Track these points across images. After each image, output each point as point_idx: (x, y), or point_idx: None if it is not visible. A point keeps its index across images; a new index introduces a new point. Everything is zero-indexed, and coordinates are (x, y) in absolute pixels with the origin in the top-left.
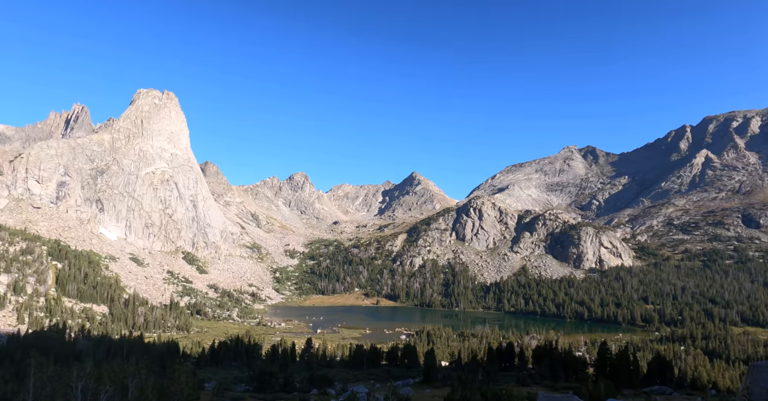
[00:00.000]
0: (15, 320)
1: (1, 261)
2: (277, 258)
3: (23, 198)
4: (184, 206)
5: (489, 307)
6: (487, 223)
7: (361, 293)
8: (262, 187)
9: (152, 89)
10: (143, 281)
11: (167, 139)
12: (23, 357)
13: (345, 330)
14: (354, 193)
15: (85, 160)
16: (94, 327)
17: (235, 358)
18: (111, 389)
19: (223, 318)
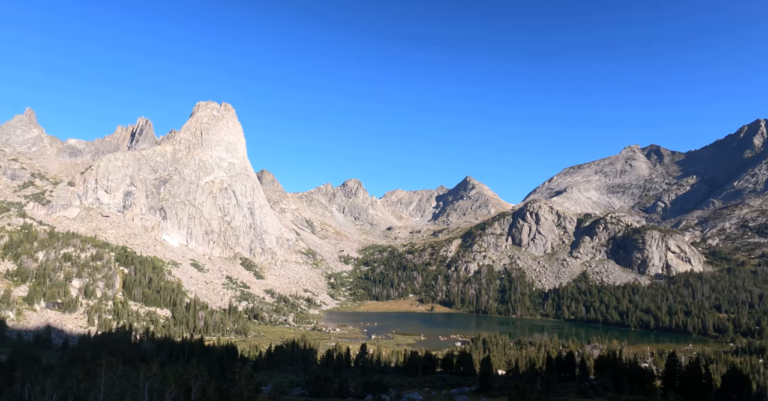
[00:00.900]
0: (86, 322)
1: (74, 267)
2: (331, 264)
3: (93, 207)
4: (242, 213)
5: (547, 314)
6: (545, 227)
7: (416, 299)
8: (317, 194)
9: (210, 102)
10: (203, 286)
11: (225, 149)
12: (93, 357)
13: (399, 337)
14: (407, 198)
15: (149, 170)
16: (158, 329)
17: (291, 362)
18: (175, 390)
19: (280, 322)
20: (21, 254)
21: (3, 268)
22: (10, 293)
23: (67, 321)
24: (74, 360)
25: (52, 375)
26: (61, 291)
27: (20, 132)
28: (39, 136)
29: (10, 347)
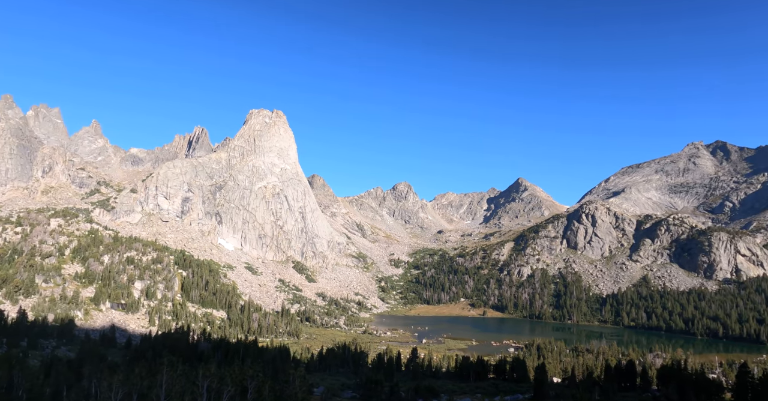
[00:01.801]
0: (147, 322)
1: (136, 269)
2: (382, 267)
3: (154, 213)
4: (294, 217)
5: (605, 321)
6: (602, 230)
7: (467, 303)
8: (367, 198)
9: (263, 109)
10: (257, 288)
11: (277, 155)
12: (154, 355)
13: (451, 341)
14: (458, 201)
15: (205, 177)
16: (214, 330)
17: (342, 365)
18: (233, 389)
19: (331, 325)
20: (88, 258)
21: (72, 270)
22: (78, 294)
23: (129, 320)
24: (137, 359)
25: (117, 373)
26: (124, 293)
27: (87, 143)
28: (104, 146)
29: (78, 345)
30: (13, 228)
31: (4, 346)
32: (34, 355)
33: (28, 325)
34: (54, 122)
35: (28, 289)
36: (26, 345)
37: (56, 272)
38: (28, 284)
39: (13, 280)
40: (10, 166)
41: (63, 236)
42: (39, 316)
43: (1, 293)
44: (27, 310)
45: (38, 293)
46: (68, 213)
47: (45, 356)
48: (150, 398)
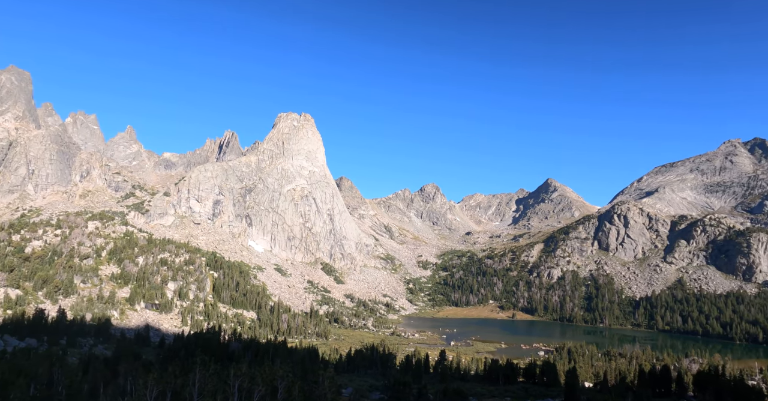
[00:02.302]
0: (180, 322)
1: (170, 270)
2: (410, 269)
3: (186, 215)
4: (322, 219)
5: (639, 324)
6: (634, 231)
7: (496, 305)
8: (394, 199)
9: (291, 113)
10: (286, 289)
11: (305, 157)
12: (187, 354)
13: (479, 344)
14: (486, 202)
15: (236, 180)
16: (244, 330)
17: (370, 366)
18: (263, 389)
19: (359, 326)
20: (124, 259)
21: (109, 271)
22: (114, 294)
23: (163, 320)
24: (170, 358)
25: (152, 371)
26: (158, 293)
27: (122, 148)
28: (138, 151)
29: (114, 343)
30: (53, 231)
31: (45, 344)
32: (73, 353)
33: (67, 324)
34: (91, 128)
35: (67, 289)
36: (65, 343)
37: (93, 273)
38: (67, 284)
39: (53, 280)
40: (50, 171)
41: (100, 238)
42: (77, 315)
43: (42, 293)
44: (66, 309)
45: (77, 294)
46: (105, 216)
47: (83, 354)
48: (183, 396)
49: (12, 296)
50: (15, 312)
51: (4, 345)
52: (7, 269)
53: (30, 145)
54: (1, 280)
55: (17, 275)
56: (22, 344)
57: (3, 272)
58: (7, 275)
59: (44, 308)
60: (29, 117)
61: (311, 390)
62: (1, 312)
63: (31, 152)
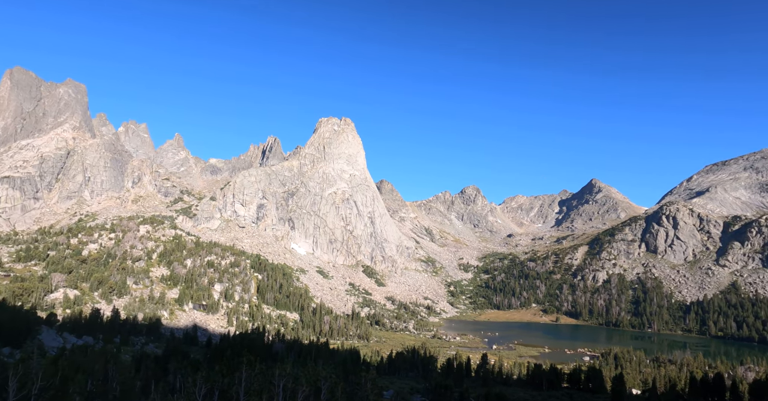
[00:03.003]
0: (225, 322)
1: (216, 272)
2: (451, 272)
3: (231, 219)
4: (363, 222)
5: (689, 330)
6: (684, 232)
7: (539, 309)
8: (435, 202)
9: (332, 117)
10: (328, 292)
11: (346, 161)
12: (232, 354)
13: (522, 348)
14: (528, 204)
15: (279, 184)
16: (287, 331)
17: (411, 369)
18: (307, 389)
19: (400, 329)
20: (173, 262)
21: (159, 273)
22: (164, 295)
23: (210, 321)
24: (216, 357)
25: (201, 369)
26: (205, 294)
27: (171, 155)
28: (186, 157)
29: (164, 342)
30: (107, 234)
31: (101, 342)
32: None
33: (120, 323)
34: (142, 136)
35: (121, 290)
36: (119, 342)
37: (145, 274)
38: (120, 285)
39: (108, 282)
40: (104, 178)
41: (151, 241)
42: (130, 315)
43: (98, 294)
44: (120, 309)
45: (129, 294)
46: (155, 220)
47: (135, 352)
48: (230, 395)
49: (71, 296)
50: (73, 311)
51: (64, 343)
52: (66, 270)
53: (86, 153)
54: (61, 281)
55: (75, 277)
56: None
57: (62, 273)
58: (66, 276)
59: (100, 307)
60: (85, 127)
61: (353, 391)
62: (61, 311)
63: (88, 160)
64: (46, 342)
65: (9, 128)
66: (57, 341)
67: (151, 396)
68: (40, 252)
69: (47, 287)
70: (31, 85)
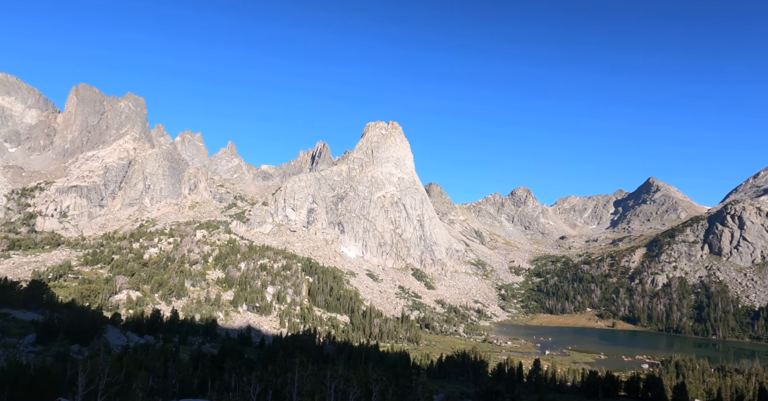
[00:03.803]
0: (278, 324)
1: (268, 275)
2: (501, 275)
3: (282, 223)
4: (412, 225)
5: (758, 337)
6: (752, 233)
7: (594, 313)
8: (484, 204)
9: (379, 122)
10: (378, 295)
11: (394, 165)
12: (285, 355)
13: (576, 354)
14: (581, 205)
15: (328, 189)
16: (338, 334)
17: (461, 373)
18: (358, 391)
19: (450, 332)
20: (228, 265)
21: (215, 276)
22: (220, 297)
23: (263, 322)
24: (269, 357)
25: (256, 369)
26: (258, 297)
27: (224, 162)
28: (239, 164)
29: (220, 342)
30: (166, 239)
31: (161, 341)
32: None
33: (179, 323)
34: (197, 145)
35: (179, 292)
36: (178, 341)
37: (201, 277)
38: (179, 287)
39: (167, 284)
40: (163, 185)
41: (207, 245)
42: (188, 316)
43: (158, 295)
44: (178, 310)
45: (187, 296)
46: (210, 225)
47: (193, 351)
48: (283, 395)
49: (133, 297)
50: (136, 311)
51: (127, 341)
52: (129, 273)
53: (146, 163)
54: (124, 283)
55: (137, 279)
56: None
57: (126, 276)
58: (129, 278)
59: (160, 308)
60: (145, 138)
61: (404, 394)
62: (125, 312)
63: (147, 169)
64: (111, 340)
65: (76, 141)
66: (121, 339)
67: (208, 393)
68: (105, 256)
69: (112, 289)
70: (95, 100)
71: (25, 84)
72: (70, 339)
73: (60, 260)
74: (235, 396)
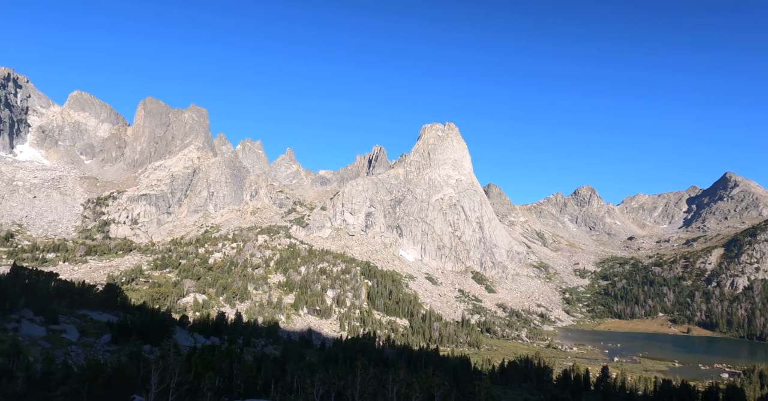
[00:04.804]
0: (338, 327)
1: (328, 279)
2: (565, 278)
3: (341, 228)
4: (471, 228)
5: None
6: None
7: (667, 318)
8: (546, 204)
9: (435, 123)
10: (437, 298)
11: (452, 166)
12: (345, 357)
13: (647, 361)
14: (651, 203)
15: (385, 192)
16: (397, 337)
17: (524, 379)
18: (420, 395)
19: (512, 337)
20: (288, 269)
21: (276, 280)
22: (281, 300)
23: (323, 325)
24: (330, 360)
25: (319, 371)
26: (318, 300)
27: (283, 168)
28: (297, 170)
29: (281, 344)
30: (230, 244)
31: (226, 342)
32: (248, 351)
33: (243, 325)
34: (257, 152)
35: (243, 295)
36: (242, 343)
37: (263, 281)
38: (242, 291)
39: (231, 287)
40: (226, 192)
41: (268, 250)
42: (251, 318)
43: (223, 298)
44: (242, 313)
45: (250, 299)
46: (271, 230)
47: (256, 352)
48: (345, 397)
49: (199, 300)
50: (202, 314)
51: (194, 342)
52: (195, 277)
53: (209, 171)
54: (191, 286)
55: (203, 283)
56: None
57: (192, 279)
58: (196, 282)
59: (224, 311)
60: (208, 147)
61: (466, 399)
62: (192, 314)
63: (211, 177)
64: (179, 341)
65: (145, 152)
66: (189, 340)
67: (272, 394)
68: (173, 261)
69: (180, 292)
70: (161, 112)
71: (98, 100)
72: (142, 340)
73: (132, 264)
74: (298, 398)
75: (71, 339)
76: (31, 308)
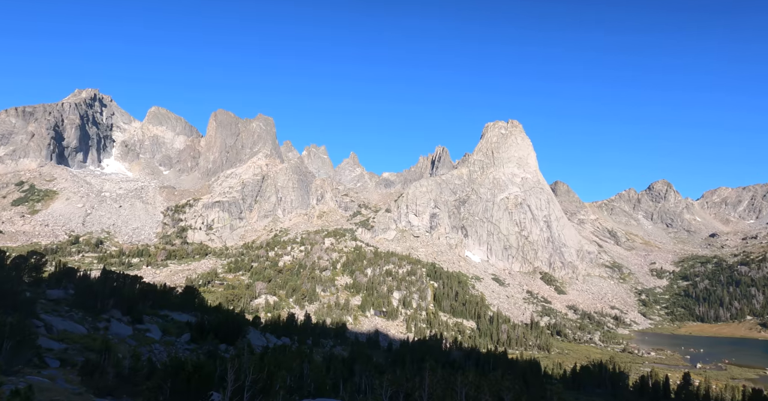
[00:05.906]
0: (404, 328)
1: (394, 281)
2: (641, 278)
3: (406, 229)
4: (538, 227)
5: None
6: None
7: (756, 322)
8: (618, 201)
9: (498, 121)
10: (504, 300)
11: (516, 164)
12: (412, 359)
13: (735, 368)
14: (735, 197)
15: (449, 193)
16: (464, 339)
17: (598, 384)
18: (490, 399)
19: (584, 340)
20: (355, 271)
21: (343, 282)
22: (348, 302)
23: (389, 326)
24: (396, 361)
25: (387, 372)
26: (384, 301)
27: (347, 172)
28: (361, 173)
29: (349, 345)
30: (298, 247)
31: (296, 342)
32: (317, 352)
33: (312, 326)
34: (322, 157)
35: (311, 297)
36: (311, 343)
37: (331, 283)
38: (311, 292)
39: (300, 289)
40: (293, 197)
41: (335, 252)
42: (320, 319)
43: (292, 300)
44: (311, 314)
45: (318, 301)
46: (338, 233)
47: (325, 353)
48: (414, 398)
49: (270, 302)
50: (273, 315)
51: (267, 342)
52: (266, 279)
53: (277, 177)
54: (262, 288)
55: (274, 285)
56: (279, 342)
57: (263, 282)
58: (267, 284)
59: (294, 312)
60: (275, 154)
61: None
62: (263, 315)
63: (279, 183)
64: (252, 340)
65: (217, 161)
66: (261, 340)
67: (341, 394)
68: (246, 264)
69: (252, 294)
70: (230, 123)
71: (173, 114)
72: (218, 339)
73: (208, 268)
74: (366, 398)
75: (155, 338)
76: (119, 308)
